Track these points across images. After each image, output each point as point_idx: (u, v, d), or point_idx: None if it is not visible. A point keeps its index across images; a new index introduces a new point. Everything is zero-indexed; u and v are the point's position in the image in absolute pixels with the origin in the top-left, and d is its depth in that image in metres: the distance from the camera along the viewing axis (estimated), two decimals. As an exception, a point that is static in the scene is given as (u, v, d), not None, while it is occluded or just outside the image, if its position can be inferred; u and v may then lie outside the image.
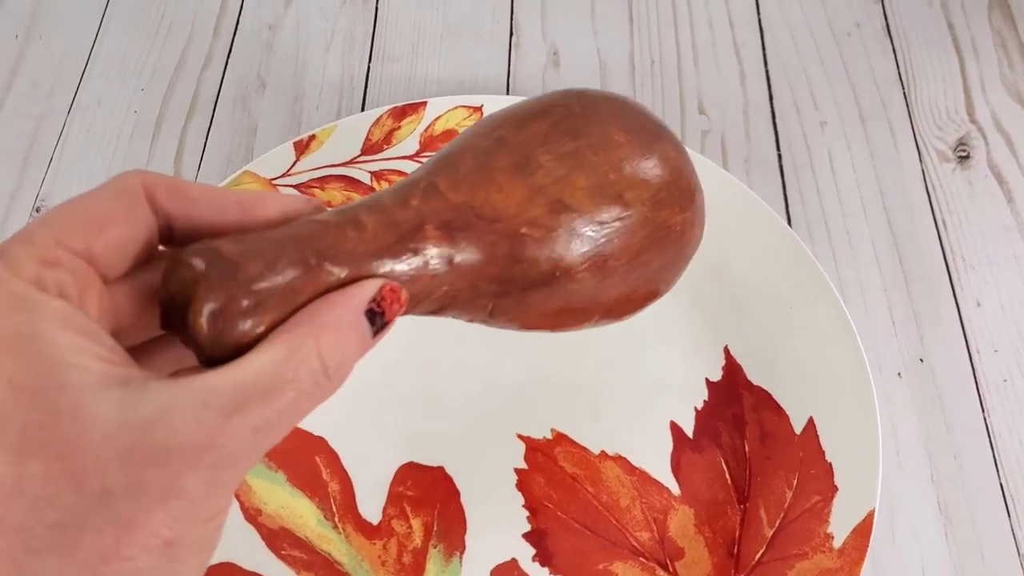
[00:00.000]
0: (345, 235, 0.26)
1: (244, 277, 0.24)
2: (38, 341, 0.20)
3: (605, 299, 0.32)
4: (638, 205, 0.31)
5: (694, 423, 0.43)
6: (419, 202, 0.28)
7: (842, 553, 0.39)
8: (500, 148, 0.30)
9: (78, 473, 0.20)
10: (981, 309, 0.48)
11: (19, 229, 0.22)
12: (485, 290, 0.30)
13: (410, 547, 0.40)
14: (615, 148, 0.31)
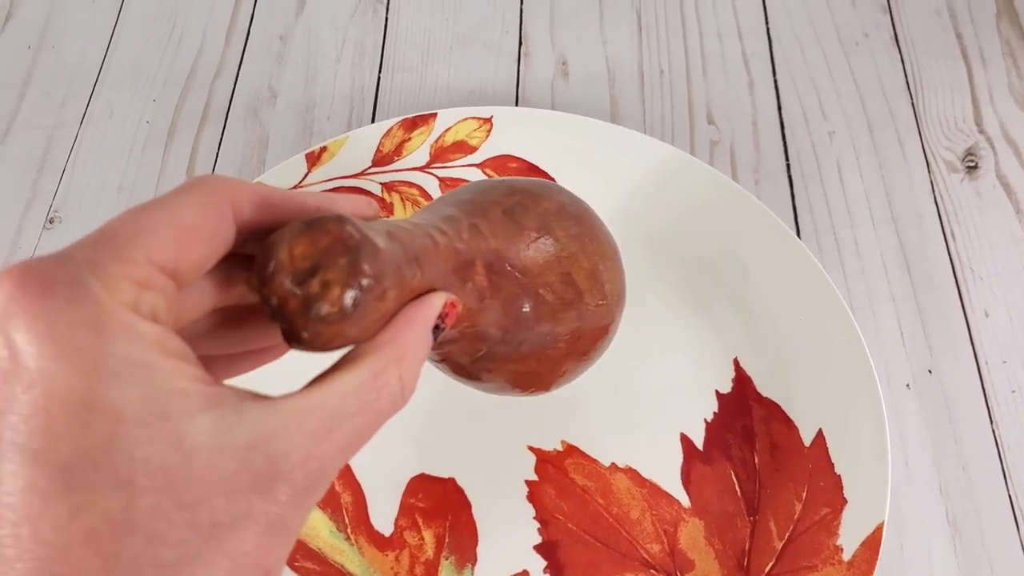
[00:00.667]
0: (428, 248, 0.26)
1: (383, 258, 0.23)
2: (141, 370, 0.19)
3: (558, 372, 0.35)
4: (611, 298, 0.35)
5: (704, 435, 0.43)
6: (469, 237, 0.29)
7: (851, 566, 0.39)
8: (523, 211, 0.32)
9: (187, 506, 0.19)
10: (989, 320, 0.48)
11: (99, 232, 0.21)
12: (491, 336, 0.31)
13: (422, 559, 0.40)
14: (600, 243, 0.35)
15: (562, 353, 0.34)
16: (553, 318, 0.32)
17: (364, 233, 0.23)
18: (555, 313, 0.32)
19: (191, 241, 0.21)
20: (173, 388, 0.20)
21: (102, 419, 0.19)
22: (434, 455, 0.43)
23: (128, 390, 0.19)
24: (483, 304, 0.29)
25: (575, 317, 0.33)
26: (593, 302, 0.34)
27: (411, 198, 0.50)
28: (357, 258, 0.22)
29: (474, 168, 0.50)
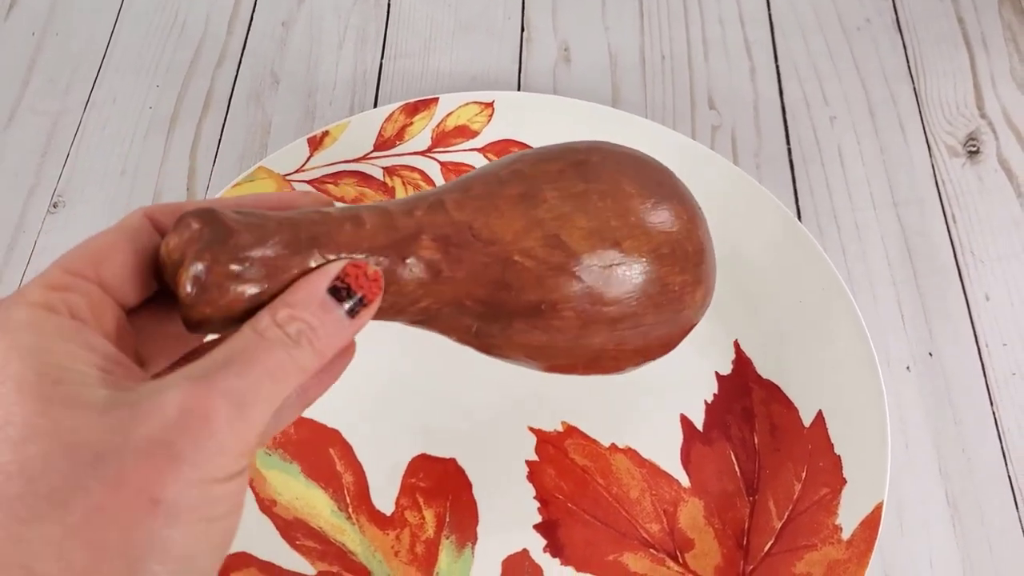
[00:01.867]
0: (342, 227, 0.28)
1: (235, 243, 0.25)
2: (41, 351, 0.23)
3: (589, 345, 0.32)
4: (635, 255, 0.31)
5: (704, 416, 0.44)
6: (423, 213, 0.30)
7: (850, 545, 0.39)
8: (512, 178, 0.31)
9: (72, 447, 0.22)
10: (990, 303, 0.48)
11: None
12: (470, 309, 0.31)
13: (423, 537, 0.40)
14: (623, 197, 0.31)
15: (574, 324, 0.31)
16: (540, 286, 0.30)
17: (222, 224, 0.25)
18: (541, 280, 0.30)
19: (108, 253, 0.25)
20: (68, 366, 0.23)
21: (4, 385, 0.22)
22: (435, 436, 0.43)
23: (24, 365, 0.22)
24: (442, 278, 0.29)
25: (571, 282, 0.30)
26: (601, 263, 0.30)
27: (412, 182, 0.50)
28: (210, 247, 0.25)
29: (475, 152, 0.51)
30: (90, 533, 0.21)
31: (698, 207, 0.34)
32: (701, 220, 0.34)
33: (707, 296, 0.34)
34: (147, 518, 0.22)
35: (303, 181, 0.49)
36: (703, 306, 0.34)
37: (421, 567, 0.40)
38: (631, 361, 0.34)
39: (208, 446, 0.22)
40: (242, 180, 0.48)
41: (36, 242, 0.50)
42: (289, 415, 0.30)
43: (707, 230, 0.34)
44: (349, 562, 0.40)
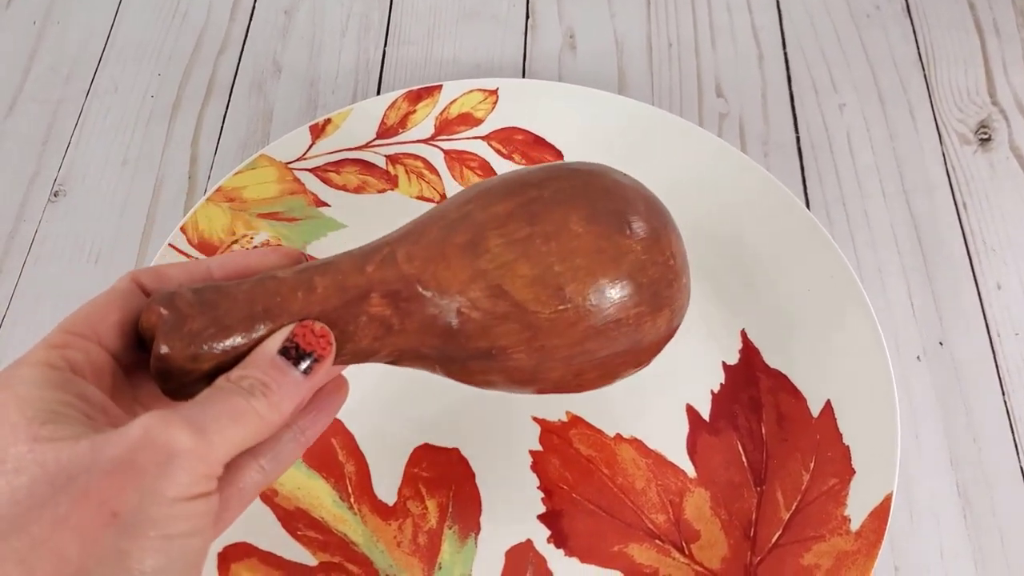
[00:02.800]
0: (295, 295, 0.30)
1: (189, 330, 0.29)
2: (34, 400, 0.26)
3: (548, 377, 0.33)
4: (579, 300, 0.32)
5: (711, 406, 0.43)
6: (374, 269, 0.32)
7: (859, 536, 0.38)
8: (462, 223, 0.32)
9: (52, 474, 0.24)
10: (1002, 292, 0.47)
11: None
12: (428, 355, 0.33)
13: (425, 528, 0.40)
14: (569, 238, 0.32)
15: (525, 365, 0.33)
16: (487, 335, 0.32)
17: (180, 311, 0.29)
18: (487, 330, 0.32)
19: (102, 314, 0.29)
20: (59, 411, 0.26)
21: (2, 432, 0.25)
22: (438, 426, 0.42)
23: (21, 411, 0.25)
24: (394, 331, 0.31)
25: (520, 329, 0.32)
26: (547, 310, 0.32)
27: (416, 170, 0.49)
28: (170, 334, 0.29)
29: (480, 140, 0.50)
30: (53, 544, 0.23)
31: (662, 227, 0.34)
32: (664, 242, 0.33)
33: (674, 316, 0.35)
34: (105, 529, 0.24)
35: (305, 170, 0.48)
36: (671, 324, 0.35)
37: (424, 558, 0.39)
38: (597, 384, 0.35)
39: (170, 464, 0.25)
40: (243, 168, 0.48)
41: (37, 231, 0.50)
42: (290, 454, 0.32)
43: (672, 247, 0.34)
44: (351, 553, 0.39)
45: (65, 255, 0.49)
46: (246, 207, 0.47)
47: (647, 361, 0.36)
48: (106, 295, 0.30)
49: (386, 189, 0.49)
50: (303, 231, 0.47)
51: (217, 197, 0.47)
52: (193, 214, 0.46)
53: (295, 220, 0.47)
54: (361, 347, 0.31)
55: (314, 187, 0.48)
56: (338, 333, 0.31)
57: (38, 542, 0.23)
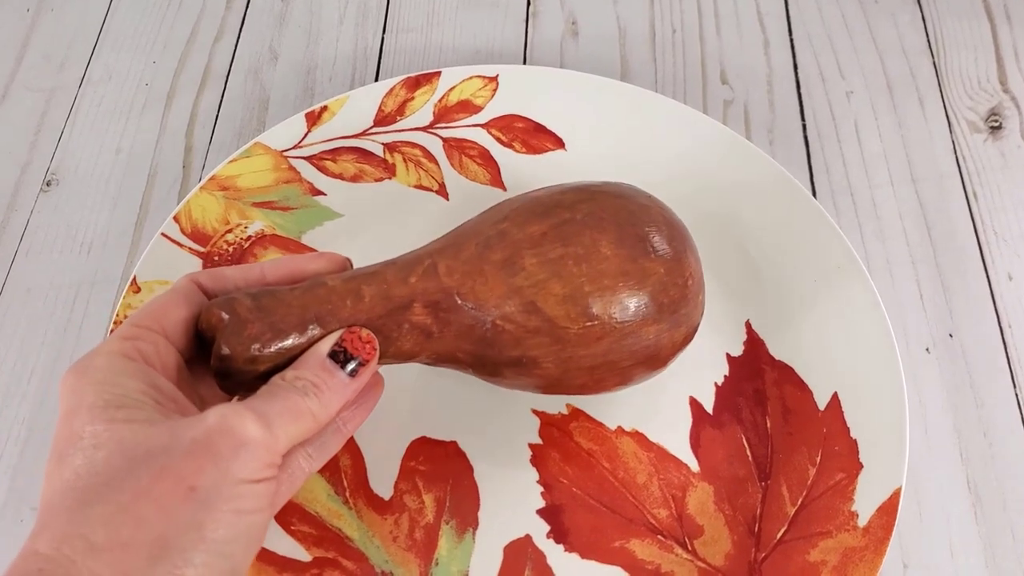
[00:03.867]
0: (344, 303, 0.33)
1: (248, 334, 0.32)
2: (108, 385, 0.29)
3: (571, 383, 0.36)
4: (605, 317, 0.35)
5: (714, 399, 0.42)
6: (417, 279, 0.35)
7: (867, 531, 0.37)
8: (499, 241, 0.35)
9: (128, 450, 0.28)
10: (1013, 283, 0.46)
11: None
12: (463, 360, 0.36)
13: (422, 523, 0.39)
14: (598, 260, 0.35)
15: (552, 373, 0.36)
16: (519, 345, 0.35)
17: (239, 316, 0.32)
18: (520, 341, 0.35)
19: (167, 309, 0.32)
20: (135, 398, 0.29)
21: (78, 419, 0.29)
22: (436, 418, 0.41)
23: (97, 399, 0.29)
24: (433, 338, 0.35)
25: (550, 342, 0.35)
26: (576, 326, 0.34)
27: (414, 159, 0.48)
28: (230, 337, 0.32)
29: (479, 128, 0.49)
30: (135, 511, 0.26)
31: (683, 250, 0.36)
32: (684, 264, 0.36)
33: (690, 332, 0.37)
34: (184, 502, 0.27)
35: (301, 158, 0.47)
36: (687, 338, 0.37)
37: (420, 553, 0.38)
38: (613, 388, 0.38)
39: (242, 450, 0.28)
40: (238, 156, 0.47)
41: (29, 221, 0.49)
42: (334, 445, 0.35)
43: (691, 268, 0.36)
44: (346, 548, 0.38)
45: (57, 245, 0.48)
46: (240, 196, 0.46)
47: (663, 368, 0.38)
48: (169, 294, 0.33)
49: (383, 178, 0.48)
50: (298, 220, 0.46)
51: (211, 186, 0.46)
52: (186, 203, 0.45)
53: (290, 209, 0.46)
54: (403, 350, 0.35)
55: (310, 175, 0.47)
56: (382, 339, 0.34)
57: (121, 509, 0.26)
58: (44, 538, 0.26)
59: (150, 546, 0.26)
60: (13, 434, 0.42)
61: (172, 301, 0.33)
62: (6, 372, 0.44)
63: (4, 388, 0.44)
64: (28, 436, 0.42)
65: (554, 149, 0.49)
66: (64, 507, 0.27)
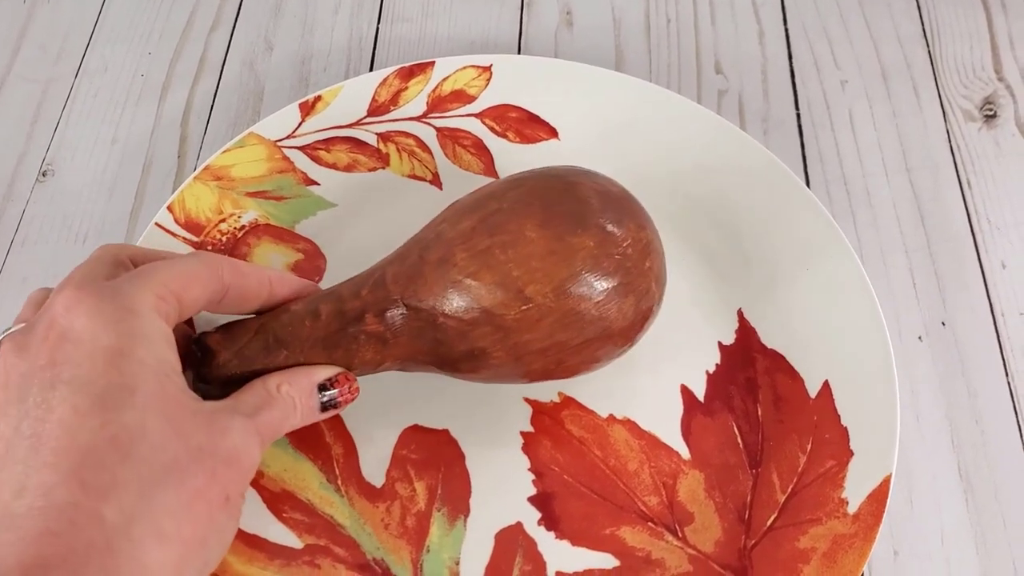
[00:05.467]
0: (303, 324, 0.36)
1: (218, 362, 0.35)
2: (156, 341, 0.31)
3: (531, 369, 0.37)
4: (539, 298, 0.35)
5: (705, 386, 0.42)
6: (367, 291, 0.37)
7: (857, 519, 0.37)
8: (436, 242, 0.37)
9: (181, 432, 0.29)
10: (1007, 271, 0.46)
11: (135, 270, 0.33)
12: (423, 360, 0.37)
13: (414, 510, 0.39)
14: (524, 244, 0.35)
15: (506, 360, 0.37)
16: (465, 339, 0.36)
17: (202, 351, 0.36)
18: (464, 335, 0.36)
19: (191, 281, 0.33)
20: (173, 365, 0.31)
21: (130, 364, 0.29)
22: (427, 407, 0.42)
23: (148, 350, 0.30)
24: (388, 343, 0.37)
25: (492, 331, 0.36)
26: (512, 312, 0.35)
27: (407, 148, 0.48)
28: (201, 366, 0.36)
29: (473, 118, 0.49)
30: (194, 510, 0.29)
31: (616, 220, 0.36)
32: (618, 234, 0.36)
33: (640, 299, 0.37)
34: (221, 509, 0.30)
35: (294, 148, 0.48)
36: (639, 307, 0.37)
37: (411, 540, 0.38)
38: (582, 368, 0.38)
39: (253, 469, 0.32)
40: (232, 146, 0.47)
41: (24, 211, 0.49)
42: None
43: (630, 237, 0.36)
44: (337, 535, 0.38)
45: (53, 235, 0.48)
46: (234, 186, 0.46)
47: (628, 342, 0.38)
48: (197, 262, 0.34)
49: (377, 167, 0.48)
50: (292, 210, 0.46)
51: (205, 176, 0.46)
52: (180, 193, 0.45)
53: (284, 199, 0.46)
54: (367, 360, 0.37)
55: (303, 165, 0.47)
56: (343, 351, 0.36)
57: (185, 505, 0.29)
58: (112, 508, 0.27)
59: (197, 545, 0.29)
60: (8, 423, 0.43)
61: (197, 279, 0.33)
62: (1, 361, 0.44)
63: None
64: (23, 425, 0.43)
65: (547, 139, 0.49)
66: (133, 480, 0.28)
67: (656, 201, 0.46)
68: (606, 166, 0.47)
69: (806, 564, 0.37)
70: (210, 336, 0.36)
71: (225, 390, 0.35)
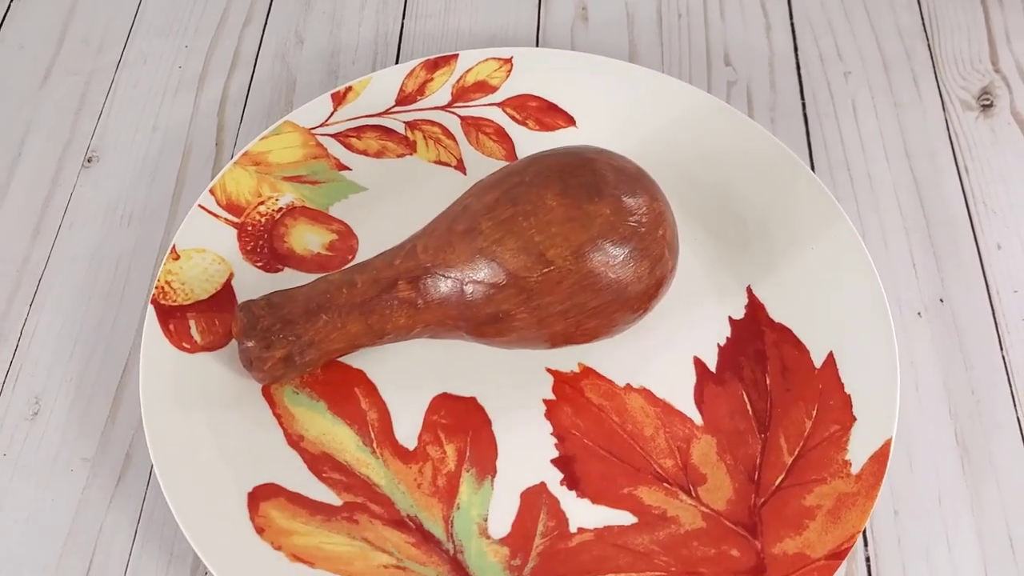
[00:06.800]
0: (341, 292, 0.40)
1: (261, 327, 0.40)
2: None
3: (553, 332, 0.40)
4: (559, 261, 0.38)
5: (717, 358, 0.45)
6: (400, 261, 0.41)
7: (859, 479, 0.40)
8: (463, 215, 0.40)
9: None
10: (1002, 251, 0.49)
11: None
12: (453, 325, 0.41)
13: (444, 471, 0.42)
14: (545, 212, 0.39)
15: (530, 323, 0.40)
16: (491, 302, 0.39)
17: (248, 316, 0.40)
18: (491, 298, 0.39)
19: None
20: None
21: None
22: (456, 376, 0.44)
23: None
24: (419, 308, 0.40)
25: (516, 294, 0.39)
26: (534, 275, 0.39)
27: (433, 136, 0.51)
28: (246, 331, 0.40)
29: (495, 107, 0.52)
30: None
31: (630, 191, 0.39)
32: (631, 203, 0.39)
33: (654, 265, 0.40)
34: None
35: (327, 135, 0.50)
36: (653, 273, 0.40)
37: (443, 499, 0.41)
38: (600, 333, 0.41)
39: None
40: (268, 134, 0.50)
41: (71, 195, 0.52)
42: None
43: (643, 207, 0.39)
44: (373, 493, 0.41)
45: (99, 218, 0.51)
46: (271, 171, 0.49)
47: (643, 308, 0.41)
48: None
49: (405, 154, 0.51)
50: (326, 193, 0.49)
51: (244, 161, 0.49)
52: (221, 177, 0.48)
53: (318, 183, 0.49)
54: (400, 325, 0.40)
55: (336, 152, 0.50)
56: (377, 317, 0.40)
57: None
58: None
59: None
60: (62, 392, 0.46)
61: None
62: (54, 335, 0.47)
63: (53, 350, 0.47)
64: (76, 394, 0.45)
65: (565, 126, 0.51)
66: None
67: (669, 184, 0.49)
68: (621, 151, 0.50)
69: (812, 520, 0.40)
70: (255, 303, 0.41)
71: (268, 351, 0.40)
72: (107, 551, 0.41)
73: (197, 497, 0.40)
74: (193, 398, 0.42)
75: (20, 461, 0.44)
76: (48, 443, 0.44)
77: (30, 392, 0.45)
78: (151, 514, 0.42)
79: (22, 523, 0.42)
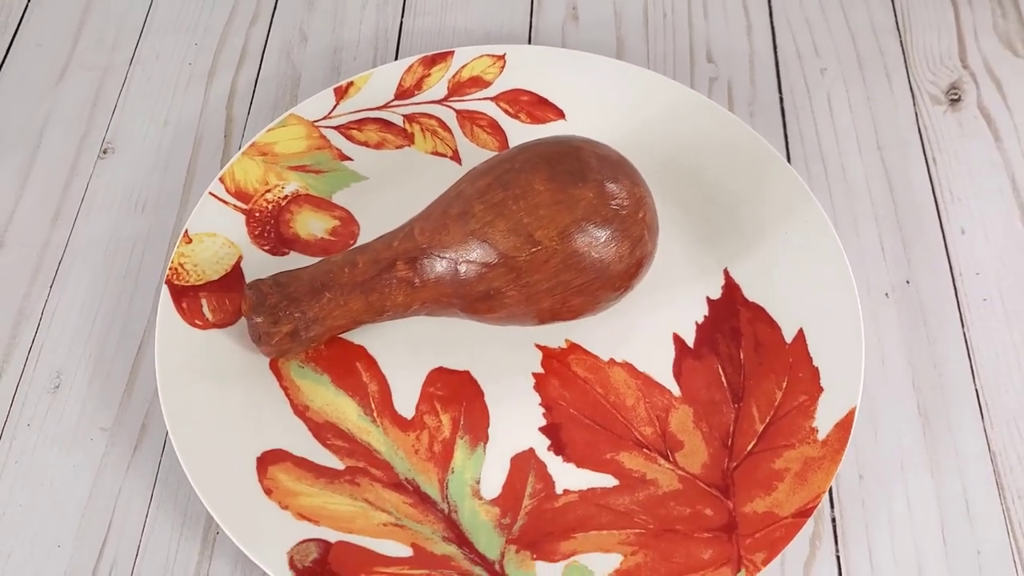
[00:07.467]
0: (343, 271, 0.43)
1: (269, 304, 0.43)
2: None
3: (540, 308, 0.43)
4: (546, 241, 0.41)
5: (695, 335, 0.48)
6: (399, 243, 0.44)
7: (825, 444, 0.43)
8: (457, 199, 0.43)
9: None
10: (965, 236, 0.52)
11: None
12: (448, 302, 0.44)
13: (440, 438, 0.45)
14: (533, 196, 0.42)
15: (519, 300, 0.43)
16: (483, 280, 0.42)
17: (257, 294, 0.43)
18: (483, 276, 0.42)
19: None
20: None
21: None
22: (451, 352, 0.47)
23: None
24: (416, 287, 0.43)
25: (506, 272, 0.42)
26: (523, 254, 0.42)
27: (430, 128, 0.54)
28: (254, 308, 0.43)
29: (489, 101, 0.55)
30: None
31: (612, 176, 0.42)
32: (613, 188, 0.42)
33: (635, 246, 0.43)
34: None
35: (330, 127, 0.53)
36: (634, 253, 0.43)
37: (438, 463, 0.44)
38: (585, 309, 0.44)
39: None
40: (275, 126, 0.53)
41: (88, 184, 0.55)
42: None
43: (624, 191, 0.42)
44: (374, 459, 0.44)
45: (115, 205, 0.54)
46: (277, 160, 0.52)
47: (624, 286, 0.44)
48: None
49: (403, 145, 0.54)
50: (329, 182, 0.52)
51: (251, 151, 0.52)
52: (230, 167, 0.51)
53: (321, 172, 0.52)
54: (398, 303, 0.44)
55: (338, 143, 0.53)
56: (377, 295, 0.43)
57: None
58: None
59: None
60: (82, 368, 0.49)
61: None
62: (75, 315, 0.50)
63: (74, 329, 0.50)
64: (95, 369, 0.49)
65: (556, 119, 0.54)
66: None
67: (652, 173, 0.52)
68: (608, 142, 0.53)
69: (780, 482, 0.43)
70: (263, 282, 0.44)
71: (276, 326, 0.43)
72: (125, 513, 0.44)
73: (210, 462, 0.43)
74: (205, 371, 0.45)
75: (43, 431, 0.47)
76: (69, 414, 0.47)
77: (52, 367, 0.48)
78: (166, 479, 0.45)
79: (46, 488, 0.45)
